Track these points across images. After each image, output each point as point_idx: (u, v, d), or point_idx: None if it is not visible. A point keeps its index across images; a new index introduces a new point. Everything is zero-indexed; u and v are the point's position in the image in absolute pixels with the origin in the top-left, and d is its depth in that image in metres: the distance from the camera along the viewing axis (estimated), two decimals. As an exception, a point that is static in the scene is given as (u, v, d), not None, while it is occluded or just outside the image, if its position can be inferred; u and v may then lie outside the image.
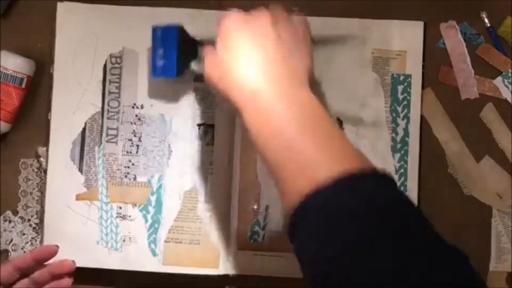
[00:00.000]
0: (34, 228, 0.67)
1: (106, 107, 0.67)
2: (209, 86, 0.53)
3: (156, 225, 0.66)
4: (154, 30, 0.62)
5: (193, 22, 0.67)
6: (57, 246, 0.64)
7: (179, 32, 0.61)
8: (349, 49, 0.67)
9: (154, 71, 0.62)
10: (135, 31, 0.67)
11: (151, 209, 0.66)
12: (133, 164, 0.66)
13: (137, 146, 0.67)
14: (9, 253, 0.67)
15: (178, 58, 0.60)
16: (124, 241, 0.66)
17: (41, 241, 0.66)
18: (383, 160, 0.66)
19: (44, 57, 0.68)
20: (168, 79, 0.65)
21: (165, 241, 0.66)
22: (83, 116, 0.67)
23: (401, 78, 0.67)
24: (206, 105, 0.67)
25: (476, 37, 0.68)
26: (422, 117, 0.67)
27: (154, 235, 0.66)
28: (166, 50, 0.61)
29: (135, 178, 0.66)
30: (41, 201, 0.67)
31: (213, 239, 0.66)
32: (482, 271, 0.67)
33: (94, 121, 0.67)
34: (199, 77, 0.64)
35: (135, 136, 0.67)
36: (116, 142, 0.67)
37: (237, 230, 0.66)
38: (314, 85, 0.51)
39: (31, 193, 0.67)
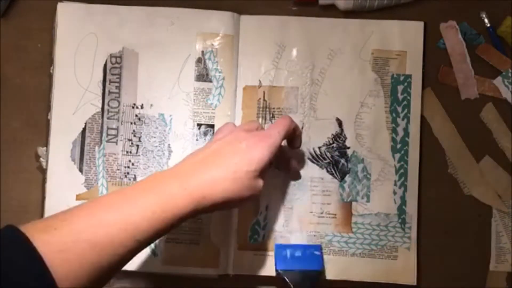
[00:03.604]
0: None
1: (106, 107, 0.67)
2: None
3: (156, 225, 0.66)
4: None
5: (195, 20, 0.67)
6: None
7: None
8: (349, 49, 0.67)
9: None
10: (135, 31, 0.67)
11: (151, 209, 0.66)
12: (133, 164, 0.66)
13: (137, 146, 0.67)
14: None
15: None
16: (124, 241, 0.65)
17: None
18: (383, 160, 0.66)
19: (44, 57, 0.68)
20: (169, 82, 0.65)
21: (165, 241, 0.66)
22: (83, 116, 0.67)
23: (401, 78, 0.67)
24: (206, 105, 0.67)
25: (476, 37, 0.68)
26: (422, 117, 0.67)
27: (154, 235, 0.66)
28: None
29: (135, 178, 0.66)
30: (42, 201, 0.67)
31: (213, 239, 0.66)
32: (482, 271, 0.67)
33: (94, 121, 0.67)
34: (199, 77, 0.65)
35: (135, 136, 0.67)
36: (116, 142, 0.67)
37: (237, 230, 0.66)
38: None
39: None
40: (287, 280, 0.61)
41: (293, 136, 0.60)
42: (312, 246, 0.65)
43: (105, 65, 0.67)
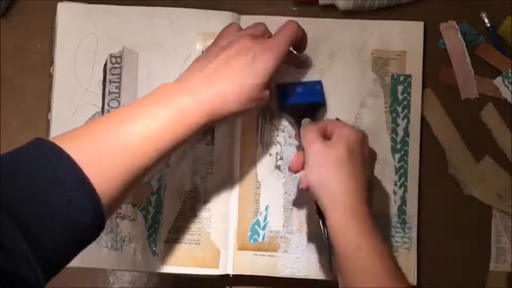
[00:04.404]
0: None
1: (106, 107, 0.67)
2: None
3: (156, 225, 0.66)
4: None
5: (195, 20, 0.67)
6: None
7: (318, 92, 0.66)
8: (349, 49, 0.67)
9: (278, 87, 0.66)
10: (135, 31, 0.67)
11: (151, 209, 0.66)
12: (133, 164, 0.66)
13: (137, 146, 0.67)
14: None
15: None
16: (124, 241, 0.66)
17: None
18: (383, 160, 0.66)
19: (44, 57, 0.68)
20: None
21: (165, 241, 0.66)
22: (83, 116, 0.67)
23: (401, 78, 0.67)
24: (206, 105, 0.67)
25: (476, 37, 0.68)
26: (422, 117, 0.67)
27: (154, 235, 0.66)
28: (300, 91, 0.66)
29: (135, 178, 0.66)
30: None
31: (213, 239, 0.66)
32: (482, 271, 0.67)
33: (94, 121, 0.67)
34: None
35: (135, 136, 0.67)
36: (116, 142, 0.67)
37: (237, 230, 0.66)
38: None
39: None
40: (291, 116, 0.64)
41: (299, 41, 0.61)
42: (312, 82, 0.66)
43: (105, 65, 0.67)
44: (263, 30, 0.58)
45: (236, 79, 0.53)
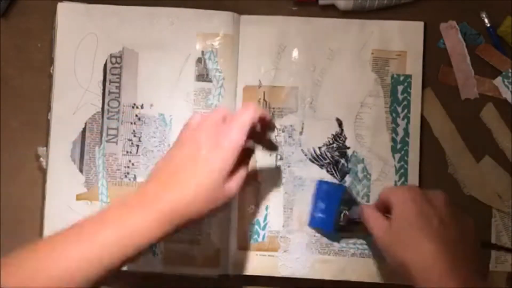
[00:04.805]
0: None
1: (106, 107, 0.67)
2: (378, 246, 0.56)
3: (156, 225, 0.66)
4: (320, 183, 0.65)
5: (195, 20, 0.67)
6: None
7: (344, 193, 0.64)
8: (349, 49, 0.67)
9: (313, 222, 0.65)
10: (135, 31, 0.67)
11: (151, 209, 0.66)
12: (133, 164, 0.66)
13: (137, 146, 0.67)
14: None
15: (336, 215, 0.63)
16: (124, 241, 0.65)
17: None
18: (383, 160, 0.66)
19: (44, 57, 0.68)
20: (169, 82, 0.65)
21: (165, 241, 0.66)
22: (83, 116, 0.67)
23: (401, 78, 0.67)
24: (206, 105, 0.67)
25: (476, 37, 0.68)
26: (422, 117, 0.67)
27: (154, 235, 0.66)
28: (328, 206, 0.64)
29: (135, 178, 0.66)
30: (42, 201, 0.67)
31: (213, 239, 0.66)
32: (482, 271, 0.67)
33: (94, 121, 0.67)
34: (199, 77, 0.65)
35: (135, 136, 0.67)
36: (116, 142, 0.67)
37: (237, 230, 0.66)
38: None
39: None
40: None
41: (264, 124, 0.55)
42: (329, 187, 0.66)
43: (105, 65, 0.67)
44: (222, 116, 0.53)
45: (191, 183, 0.50)
